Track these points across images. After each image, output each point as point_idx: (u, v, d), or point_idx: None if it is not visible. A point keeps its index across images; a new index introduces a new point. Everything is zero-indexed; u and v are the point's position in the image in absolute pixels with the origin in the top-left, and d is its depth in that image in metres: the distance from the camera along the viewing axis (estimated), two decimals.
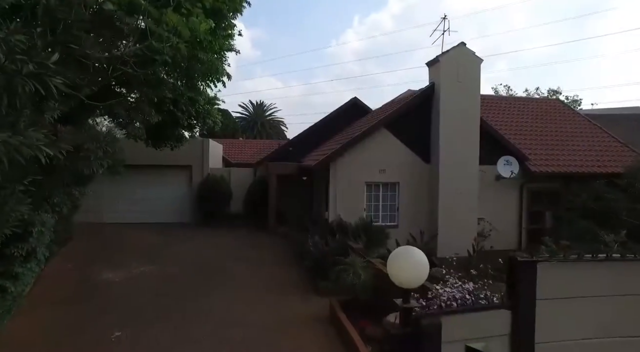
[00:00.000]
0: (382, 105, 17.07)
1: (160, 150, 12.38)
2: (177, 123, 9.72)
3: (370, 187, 12.00)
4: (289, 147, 17.98)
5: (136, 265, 10.37)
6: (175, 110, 9.24)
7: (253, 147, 27.46)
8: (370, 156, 11.82)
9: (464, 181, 11.58)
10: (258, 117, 50.80)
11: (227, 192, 16.88)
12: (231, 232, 15.39)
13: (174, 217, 17.34)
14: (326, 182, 11.95)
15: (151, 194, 17.27)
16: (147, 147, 11.93)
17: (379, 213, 12.06)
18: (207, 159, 17.40)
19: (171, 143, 11.49)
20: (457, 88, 11.44)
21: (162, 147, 11.94)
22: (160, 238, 13.96)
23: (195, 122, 10.41)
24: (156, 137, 11.19)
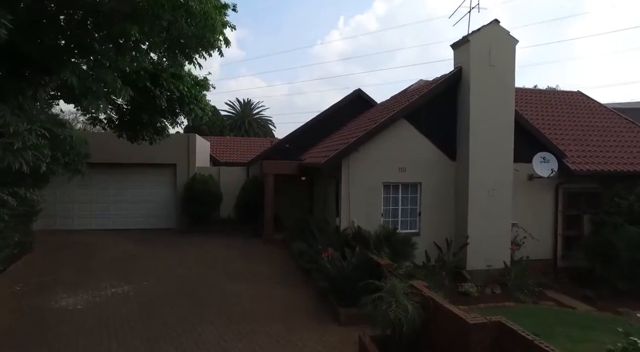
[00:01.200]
0: (390, 97, 15.40)
1: (138, 143, 10.39)
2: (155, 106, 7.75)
3: (388, 188, 10.28)
4: (286, 144, 16.14)
5: (106, 285, 8.38)
6: (153, 88, 7.30)
7: (244, 146, 25.48)
8: (389, 152, 10.09)
9: (496, 181, 9.96)
10: (245, 115, 48.93)
11: (217, 194, 14.93)
12: (222, 240, 13.46)
13: (156, 223, 15.31)
14: (336, 183, 10.18)
15: (130, 197, 15.21)
16: (120, 138, 9.86)
17: (398, 219, 10.34)
18: (194, 156, 15.42)
19: (150, 135, 9.49)
20: (489, 73, 9.81)
21: (139, 140, 9.94)
22: (139, 248, 11.94)
23: (178, 109, 8.46)
24: (130, 126, 9.16)
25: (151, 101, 7.70)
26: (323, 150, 13.12)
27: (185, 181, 15.07)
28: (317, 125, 16.51)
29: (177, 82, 8.03)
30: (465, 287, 9.17)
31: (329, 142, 14.17)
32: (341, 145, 10.50)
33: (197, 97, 8.35)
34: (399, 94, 14.25)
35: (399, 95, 14.02)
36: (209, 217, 14.94)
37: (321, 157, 11.28)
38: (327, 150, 12.05)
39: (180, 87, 7.83)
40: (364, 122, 12.82)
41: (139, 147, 14.87)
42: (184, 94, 7.96)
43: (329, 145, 12.92)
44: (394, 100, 13.73)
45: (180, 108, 8.44)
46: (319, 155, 12.34)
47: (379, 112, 12.86)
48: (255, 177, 15.47)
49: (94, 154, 14.74)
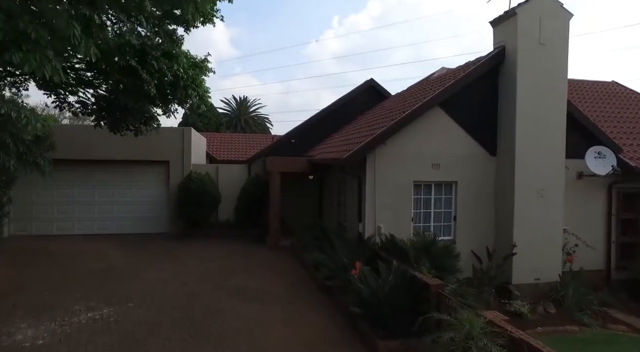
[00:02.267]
0: (407, 88, 13.92)
1: (121, 134, 8.77)
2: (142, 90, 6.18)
3: (419, 188, 8.77)
4: (292, 140, 14.57)
5: (81, 307, 6.78)
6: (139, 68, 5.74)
7: (243, 143, 23.87)
8: (420, 146, 8.59)
9: (546, 180, 8.50)
10: (242, 113, 47.40)
11: (215, 194, 13.34)
12: (221, 246, 11.88)
13: (146, 227, 13.68)
14: (358, 183, 8.65)
15: (117, 198, 13.57)
16: (97, 128, 8.21)
17: (430, 224, 8.84)
18: (189, 152, 13.81)
19: (136, 124, 7.86)
20: (538, 52, 8.35)
21: (122, 130, 8.30)
22: (126, 258, 10.32)
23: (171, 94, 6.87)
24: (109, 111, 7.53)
25: (138, 84, 6.13)
26: (335, 145, 11.59)
27: (179, 180, 13.47)
28: (325, 119, 14.96)
29: (170, 63, 6.47)
30: (514, 305, 7.69)
31: (341, 136, 12.64)
32: (361, 138, 8.98)
33: (194, 80, 6.79)
34: (420, 83, 12.76)
35: (419, 85, 12.53)
36: (206, 220, 13.34)
37: (334, 153, 9.76)
38: (341, 145, 10.53)
39: (174, 68, 6.28)
40: (383, 113, 11.30)
41: (128, 143, 13.26)
42: (179, 76, 6.40)
43: (343, 139, 11.39)
44: (413, 91, 12.24)
45: (173, 93, 6.85)
46: (331, 151, 10.82)
47: (398, 102, 11.35)
48: (258, 175, 13.91)
49: (75, 149, 13.19)
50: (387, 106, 12.18)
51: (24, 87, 7.93)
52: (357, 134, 10.45)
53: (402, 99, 11.57)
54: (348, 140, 10.37)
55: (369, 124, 10.85)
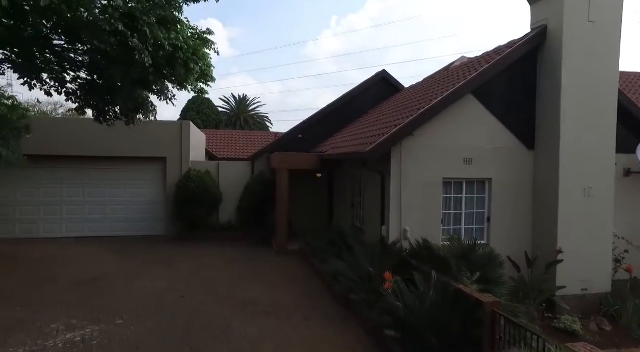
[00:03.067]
0: (424, 79, 12.90)
1: (109, 124, 7.70)
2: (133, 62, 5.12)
3: (449, 186, 7.76)
4: (299, 135, 13.55)
5: (60, 326, 5.72)
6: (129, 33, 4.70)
7: (244, 140, 22.81)
8: (451, 138, 7.58)
9: (594, 177, 7.50)
10: (241, 112, 46.45)
11: (216, 194, 12.29)
12: (223, 251, 10.83)
13: (141, 229, 12.62)
14: (381, 180, 7.61)
15: (109, 197, 12.50)
16: (80, 114, 7.13)
17: (461, 226, 7.82)
18: (188, 148, 12.76)
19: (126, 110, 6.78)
20: (587, 32, 7.36)
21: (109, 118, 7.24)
22: (117, 264, 9.26)
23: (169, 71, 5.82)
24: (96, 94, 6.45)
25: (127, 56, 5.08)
26: (348, 139, 10.58)
27: (177, 178, 12.41)
28: (333, 113, 13.94)
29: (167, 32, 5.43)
30: (563, 321, 6.66)
31: (355, 130, 11.62)
32: (381, 130, 7.95)
33: (196, 52, 5.75)
34: (439, 74, 11.75)
35: (439, 75, 11.51)
36: (206, 221, 12.30)
37: (351, 147, 8.73)
38: (356, 139, 9.51)
39: (172, 37, 5.24)
40: (401, 105, 10.28)
41: (121, 138, 12.22)
42: (178, 47, 5.36)
43: (359, 133, 10.37)
44: (433, 81, 11.23)
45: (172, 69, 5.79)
46: (345, 146, 9.80)
47: (418, 93, 10.34)
48: (262, 173, 12.86)
49: (63, 145, 12.13)
50: (405, 98, 11.16)
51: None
52: (375, 126, 9.42)
53: (423, 89, 10.54)
54: (365, 133, 9.34)
55: (387, 116, 9.82)
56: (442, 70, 11.97)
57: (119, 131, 12.20)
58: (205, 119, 29.69)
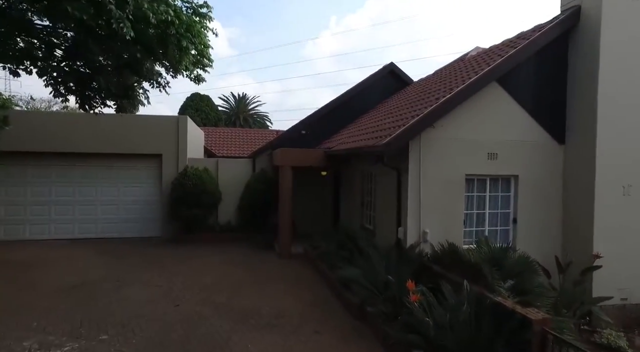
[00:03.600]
0: (435, 71, 12.17)
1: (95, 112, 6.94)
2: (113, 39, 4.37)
3: (471, 184, 7.04)
4: (302, 131, 12.81)
5: (32, 344, 4.98)
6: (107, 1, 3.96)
7: (244, 138, 22.07)
8: (474, 131, 6.86)
9: (635, 174, 6.79)
10: (240, 110, 45.77)
11: (215, 192, 11.54)
12: (222, 253, 10.09)
13: (135, 230, 11.88)
14: (397, 176, 6.88)
15: (100, 197, 11.75)
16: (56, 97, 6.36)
17: (484, 228, 7.10)
18: (185, 144, 12.02)
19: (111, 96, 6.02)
20: (627, 10, 6.65)
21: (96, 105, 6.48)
22: (107, 269, 8.51)
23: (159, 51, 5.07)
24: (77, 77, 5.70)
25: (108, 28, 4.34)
26: (356, 134, 9.87)
27: (173, 176, 11.67)
28: (338, 109, 13.22)
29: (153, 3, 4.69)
30: (606, 336, 5.93)
31: (363, 125, 10.90)
32: (396, 122, 7.24)
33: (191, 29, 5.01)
34: (454, 64, 11.02)
35: (453, 66, 10.78)
36: (204, 222, 11.54)
37: (362, 141, 8.00)
38: (366, 134, 8.80)
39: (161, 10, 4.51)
40: (414, 97, 9.57)
41: (114, 133, 11.50)
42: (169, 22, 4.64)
43: (370, 127, 9.64)
44: (449, 72, 10.51)
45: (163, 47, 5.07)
46: (354, 140, 9.09)
47: (433, 84, 9.62)
48: (264, 171, 12.11)
49: (52, 141, 11.38)
50: (418, 90, 10.43)
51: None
52: (388, 119, 8.70)
53: (438, 80, 9.81)
54: (377, 127, 8.61)
55: (401, 109, 9.09)
56: (457, 60, 11.25)
57: (112, 126, 11.52)
58: (204, 116, 28.95)
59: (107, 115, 11.70)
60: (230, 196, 12.13)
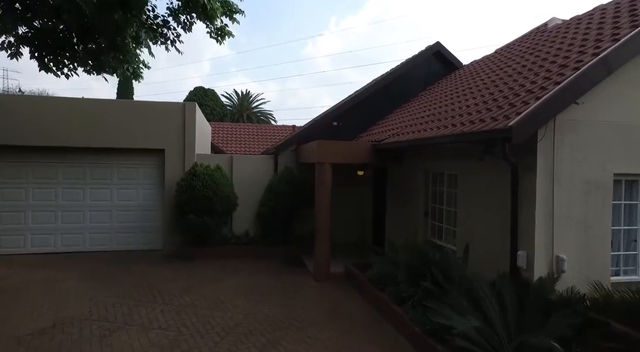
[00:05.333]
0: (495, 51, 10.03)
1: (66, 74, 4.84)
2: None
3: (619, 187, 4.89)
4: (334, 122, 10.66)
5: None
6: None
7: (254, 134, 19.93)
8: (627, 112, 4.72)
9: None
10: (244, 108, 43.78)
11: (229, 197, 9.37)
12: (241, 275, 7.91)
13: (130, 243, 9.72)
14: (512, 175, 4.71)
15: (89, 201, 9.59)
16: (11, 56, 4.14)
17: (637, 252, 4.94)
18: (193, 137, 9.86)
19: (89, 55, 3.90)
20: None
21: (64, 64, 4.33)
22: (89, 301, 6.31)
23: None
24: None
25: None
26: (409, 124, 7.76)
27: (179, 175, 9.51)
28: (373, 97, 11.10)
29: None
30: None
31: (412, 114, 8.78)
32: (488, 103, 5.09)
33: None
34: (531, 36, 8.86)
35: (534, 38, 8.64)
36: (216, 233, 9.35)
37: (420, 132, 5.83)
38: (423, 123, 6.67)
39: None
40: (494, 73, 7.42)
41: (106, 123, 9.35)
42: None
43: (423, 116, 7.51)
44: (510, 50, 8.39)
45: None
46: (408, 131, 6.96)
47: (521, 55, 7.49)
48: (289, 169, 9.93)
49: (28, 131, 9.09)
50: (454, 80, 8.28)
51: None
52: (468, 101, 6.54)
53: (529, 49, 7.65)
54: (452, 112, 6.44)
55: (478, 91, 6.94)
56: (533, 31, 9.07)
57: (102, 114, 9.36)
58: (209, 111, 26.82)
59: (96, 101, 9.58)
60: (248, 200, 9.97)
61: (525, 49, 7.65)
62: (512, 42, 9.58)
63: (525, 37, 9.01)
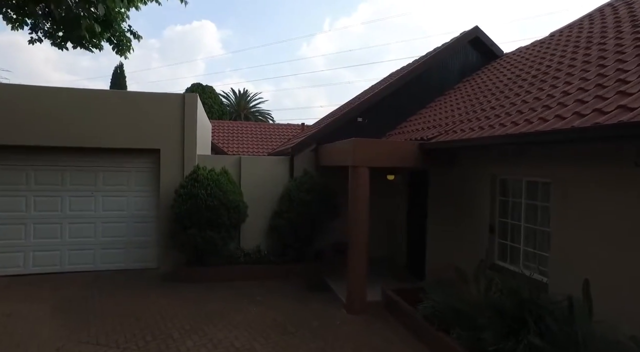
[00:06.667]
0: (558, 30, 8.59)
1: None
2: None
3: None
4: (358, 118, 9.15)
5: None
6: None
7: (258, 133, 18.37)
8: None
9: None
10: (241, 108, 42.38)
11: (240, 206, 7.80)
12: (255, 305, 6.34)
13: (118, 260, 8.15)
14: None
15: (68, 211, 7.98)
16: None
17: None
18: (194, 134, 8.31)
19: None
20: None
21: None
22: (58, 351, 4.72)
23: None
24: None
25: None
26: (451, 120, 6.27)
27: (177, 180, 7.95)
28: (402, 90, 9.62)
29: None
30: None
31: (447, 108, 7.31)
32: None
33: None
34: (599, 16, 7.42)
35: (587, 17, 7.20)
36: (223, 249, 7.77)
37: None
38: (464, 120, 5.16)
39: None
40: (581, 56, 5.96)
41: (87, 117, 7.77)
42: None
43: (466, 113, 6.03)
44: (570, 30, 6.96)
45: None
46: (450, 129, 5.48)
47: None
48: (309, 174, 8.38)
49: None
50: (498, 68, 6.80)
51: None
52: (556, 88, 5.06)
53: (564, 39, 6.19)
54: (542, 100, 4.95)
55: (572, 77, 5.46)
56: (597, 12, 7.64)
57: (85, 107, 7.77)
58: (207, 110, 25.21)
59: (75, 90, 7.99)
60: (259, 209, 8.42)
61: (598, 31, 6.21)
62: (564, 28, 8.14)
63: (591, 16, 7.56)
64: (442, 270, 6.69)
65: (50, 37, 4.50)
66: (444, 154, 6.43)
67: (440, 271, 6.74)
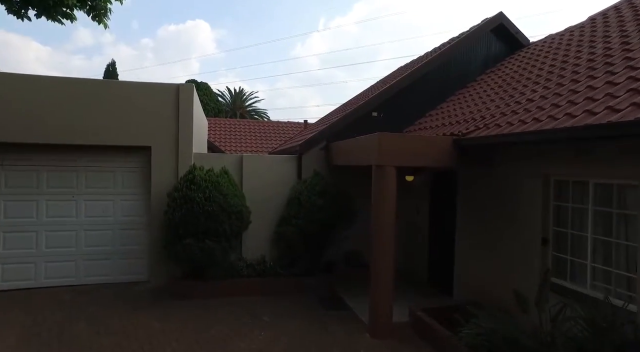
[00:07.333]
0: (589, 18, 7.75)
1: None
2: None
3: None
4: (373, 113, 8.25)
5: None
6: None
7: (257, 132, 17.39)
8: None
9: None
10: (237, 107, 41.49)
11: (242, 211, 6.84)
12: (261, 328, 5.39)
13: (103, 273, 7.17)
14: None
15: (47, 218, 6.98)
16: None
17: None
18: (190, 130, 7.35)
19: None
20: None
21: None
22: None
23: None
24: None
25: None
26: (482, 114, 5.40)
27: (171, 182, 6.99)
28: (419, 82, 8.74)
29: None
30: None
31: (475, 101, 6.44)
32: None
33: None
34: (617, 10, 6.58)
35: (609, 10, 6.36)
36: (223, 260, 6.81)
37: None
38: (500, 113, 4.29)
39: None
40: None
41: (67, 110, 6.78)
42: None
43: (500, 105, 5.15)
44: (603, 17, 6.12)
45: None
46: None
47: None
48: (319, 175, 7.45)
49: None
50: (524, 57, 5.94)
51: None
52: None
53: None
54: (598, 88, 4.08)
55: None
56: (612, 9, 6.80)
57: (64, 98, 6.77)
58: (202, 107, 24.18)
59: (52, 79, 7.00)
60: (263, 214, 7.48)
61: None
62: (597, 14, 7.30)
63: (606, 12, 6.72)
64: (477, 287, 5.81)
65: (5, 2, 3.60)
66: (481, 151, 5.55)
67: (475, 287, 5.86)
